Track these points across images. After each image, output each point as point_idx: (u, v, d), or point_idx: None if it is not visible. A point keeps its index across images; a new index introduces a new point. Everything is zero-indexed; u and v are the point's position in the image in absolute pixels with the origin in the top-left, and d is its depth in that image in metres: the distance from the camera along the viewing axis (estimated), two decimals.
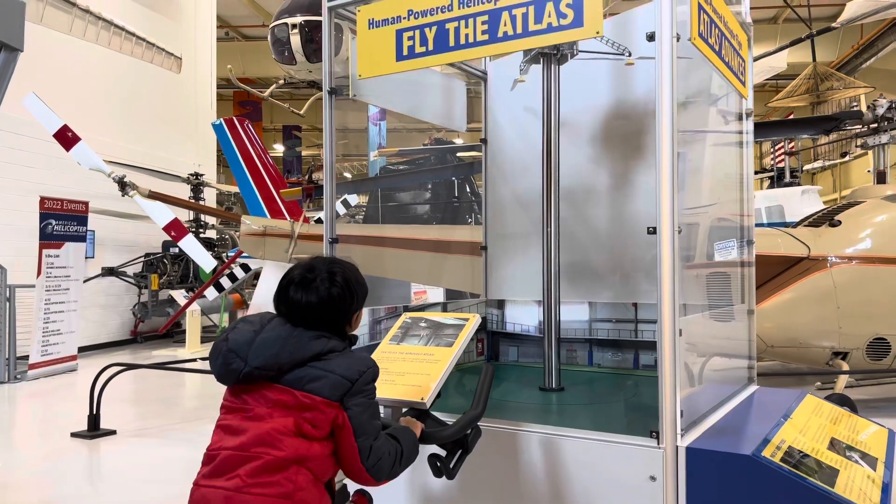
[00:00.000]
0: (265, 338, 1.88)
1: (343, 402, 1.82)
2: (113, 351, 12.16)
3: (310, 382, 1.82)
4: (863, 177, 19.84)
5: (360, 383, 1.85)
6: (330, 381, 1.82)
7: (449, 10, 2.61)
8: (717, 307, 3.14)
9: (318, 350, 1.87)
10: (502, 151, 4.07)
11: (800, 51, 13.91)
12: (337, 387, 1.82)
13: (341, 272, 2.00)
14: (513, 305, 3.94)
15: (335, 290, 1.96)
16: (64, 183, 10.76)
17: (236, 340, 1.89)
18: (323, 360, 1.86)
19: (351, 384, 1.83)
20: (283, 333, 1.89)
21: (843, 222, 6.63)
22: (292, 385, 1.83)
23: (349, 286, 1.99)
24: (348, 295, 1.98)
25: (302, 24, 10.24)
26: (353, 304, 2.01)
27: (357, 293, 2.02)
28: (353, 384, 1.83)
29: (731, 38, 2.92)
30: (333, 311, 1.96)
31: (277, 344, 1.86)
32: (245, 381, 1.88)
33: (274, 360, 1.84)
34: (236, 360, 1.86)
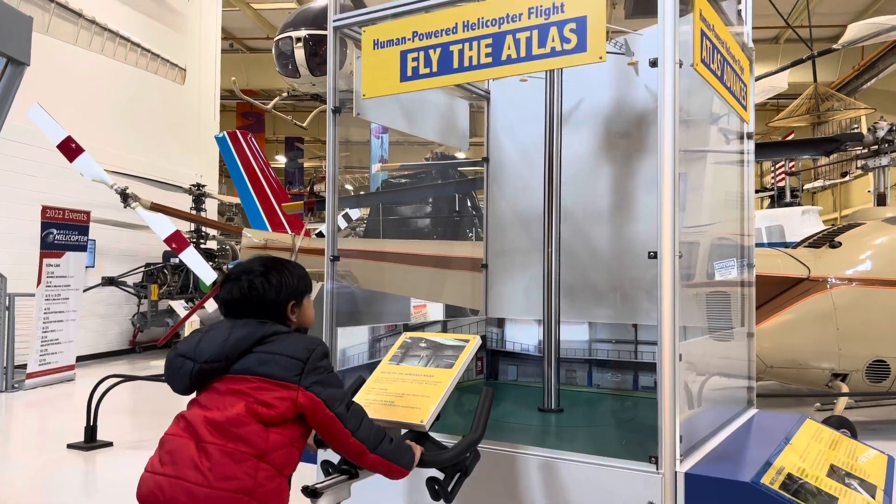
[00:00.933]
0: (210, 335, 1.95)
1: (300, 382, 1.85)
2: (111, 361, 12.14)
3: (260, 366, 1.86)
4: (863, 196, 19.88)
5: (312, 361, 1.88)
6: (279, 363, 1.86)
7: (453, 32, 2.63)
8: (717, 330, 3.14)
9: (261, 333, 1.92)
10: (504, 170, 4.09)
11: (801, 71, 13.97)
12: (288, 368, 1.86)
13: (262, 266, 2.06)
14: (512, 324, 3.94)
15: (257, 283, 2.00)
16: (66, 192, 10.79)
17: (183, 346, 1.97)
18: (268, 343, 1.91)
19: (303, 363, 1.87)
20: (226, 325, 1.97)
21: (844, 244, 6.64)
22: (243, 372, 1.88)
23: (268, 278, 2.02)
24: (269, 286, 2.01)
25: (306, 38, 10.30)
26: (279, 293, 2.02)
27: (284, 284, 2.04)
28: (304, 363, 1.87)
29: (732, 63, 2.94)
30: (260, 304, 2.01)
31: (222, 335, 1.92)
32: (198, 381, 1.92)
33: (220, 351, 1.89)
34: (185, 363, 1.92)
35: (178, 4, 15.04)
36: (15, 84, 3.11)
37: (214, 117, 16.66)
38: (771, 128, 18.96)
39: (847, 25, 10.48)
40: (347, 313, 3.12)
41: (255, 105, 13.90)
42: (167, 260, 13.00)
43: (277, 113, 14.18)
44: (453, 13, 2.64)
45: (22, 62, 3.05)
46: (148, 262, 13.21)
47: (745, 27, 3.44)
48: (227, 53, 19.58)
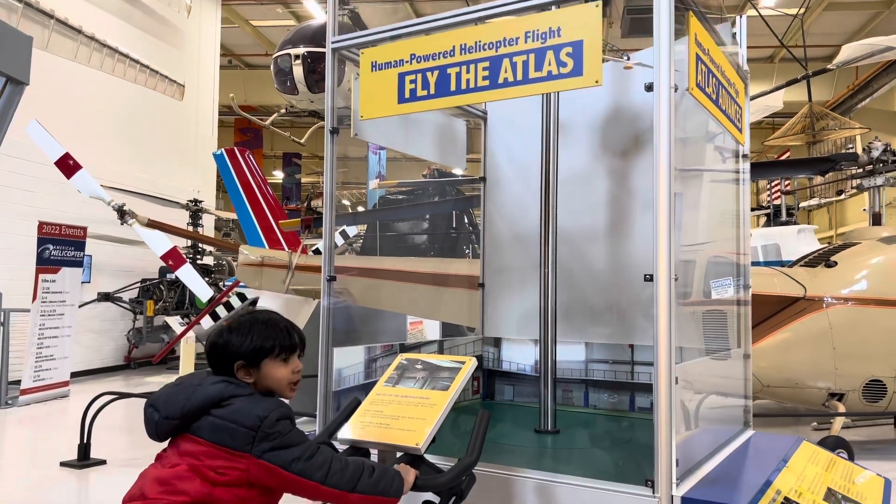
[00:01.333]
0: (179, 389, 1.93)
1: (252, 451, 1.81)
2: (106, 377, 12.08)
3: (212, 432, 1.84)
4: (858, 215, 19.96)
5: (265, 428, 1.83)
6: (230, 431, 1.82)
7: (451, 55, 2.65)
8: (713, 350, 3.14)
9: (215, 395, 1.88)
10: (501, 189, 4.10)
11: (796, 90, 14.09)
12: (238, 436, 1.82)
13: (233, 322, 2.03)
14: (509, 344, 3.94)
15: (214, 340, 2.01)
16: (63, 207, 10.79)
17: (158, 395, 1.95)
18: (224, 407, 1.86)
19: (254, 432, 1.82)
20: (195, 381, 1.94)
21: (840, 263, 6.66)
22: (199, 433, 1.86)
23: (223, 335, 1.99)
24: (219, 344, 1.99)
25: (305, 55, 10.36)
26: (225, 352, 1.98)
27: (231, 343, 1.98)
28: (255, 432, 1.82)
29: (728, 86, 2.97)
30: (215, 356, 2.00)
31: (186, 392, 1.89)
32: (162, 433, 1.91)
33: (179, 410, 1.87)
34: (153, 413, 1.91)
35: (178, 21, 15.13)
36: (14, 103, 3.12)
37: (212, 133, 16.70)
38: (766, 146, 19.08)
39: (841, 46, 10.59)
40: (344, 332, 3.11)
41: (252, 121, 13.94)
42: (163, 276, 12.98)
43: (275, 129, 14.22)
44: (451, 36, 2.67)
45: (21, 81, 3.06)
46: (144, 278, 13.18)
47: (739, 49, 3.47)
48: (225, 69, 19.67)
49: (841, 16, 18.21)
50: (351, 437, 2.20)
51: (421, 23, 2.80)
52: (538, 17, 2.51)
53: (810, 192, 17.63)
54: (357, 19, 11.78)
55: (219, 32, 17.24)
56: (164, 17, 14.72)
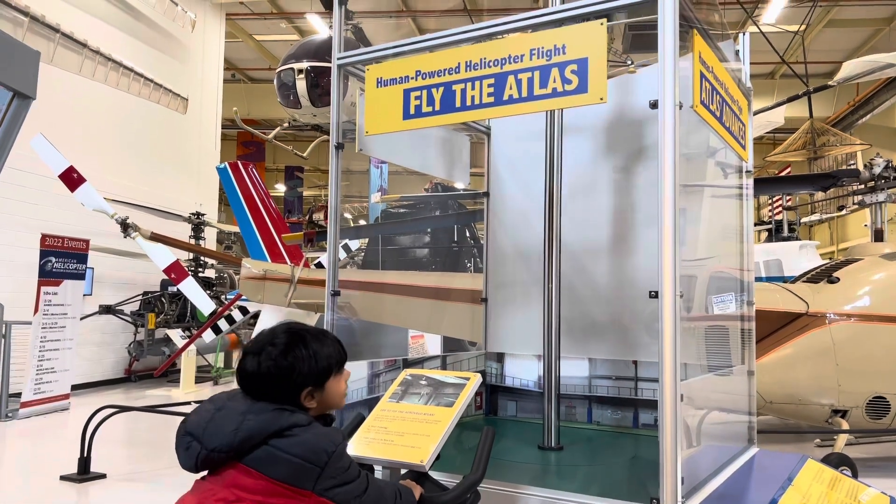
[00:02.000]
0: (222, 415, 1.75)
1: (314, 488, 1.69)
2: (106, 390, 12.04)
3: (270, 465, 1.69)
4: (860, 230, 19.96)
5: (331, 465, 1.71)
6: (295, 467, 1.68)
7: (456, 72, 2.67)
8: (717, 367, 3.13)
9: (279, 426, 1.72)
10: (504, 205, 4.11)
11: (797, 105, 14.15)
12: (303, 474, 1.69)
13: (284, 341, 1.85)
14: (512, 359, 3.93)
15: (284, 363, 1.82)
16: (66, 220, 10.81)
17: (193, 422, 1.77)
18: (285, 437, 1.71)
19: (320, 469, 1.70)
20: (240, 408, 1.76)
21: (842, 279, 6.65)
22: (256, 466, 1.70)
23: (286, 357, 1.82)
24: (282, 369, 1.81)
25: (308, 70, 10.42)
26: (290, 378, 1.82)
27: (297, 368, 1.83)
28: (322, 469, 1.70)
29: (731, 104, 2.98)
30: (279, 386, 1.81)
31: (233, 422, 1.72)
32: (206, 465, 1.75)
33: (229, 441, 1.70)
34: (193, 444, 1.74)
35: (182, 35, 15.23)
36: (21, 117, 3.14)
37: (215, 146, 16.76)
38: (768, 162, 19.12)
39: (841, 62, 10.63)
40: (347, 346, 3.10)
41: (255, 135, 13.99)
42: (165, 288, 12.98)
43: (278, 143, 14.26)
44: (456, 53, 2.69)
45: (28, 96, 3.08)
46: (146, 291, 13.18)
47: (743, 67, 3.49)
48: (228, 83, 19.77)
49: (842, 33, 18.31)
50: (355, 454, 2.19)
51: (426, 39, 2.82)
52: (543, 35, 2.53)
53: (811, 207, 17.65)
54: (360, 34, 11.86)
55: (222, 47, 17.35)
56: (169, 32, 14.81)
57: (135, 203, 11.90)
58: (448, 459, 2.25)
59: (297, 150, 14.78)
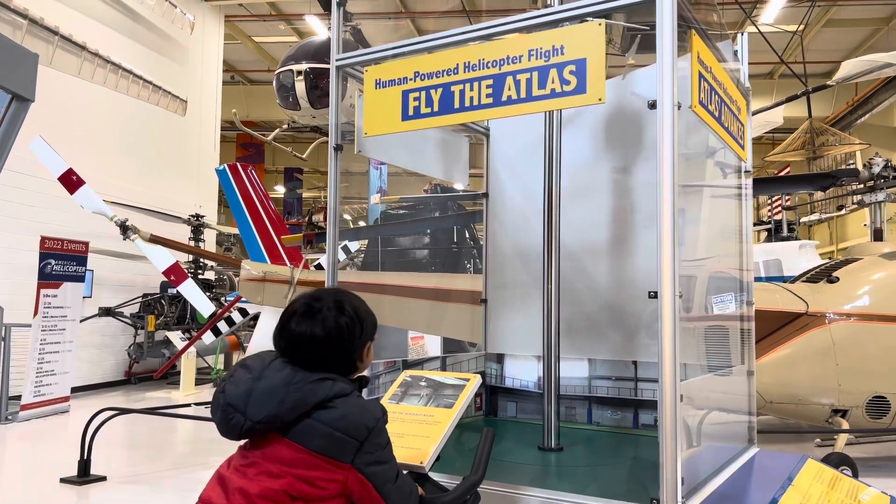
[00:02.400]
0: (264, 387, 1.74)
1: (354, 462, 1.71)
2: (106, 392, 12.04)
3: (316, 439, 1.70)
4: (859, 229, 19.97)
5: (371, 441, 1.73)
6: (337, 440, 1.69)
7: (454, 73, 2.67)
8: (717, 367, 3.13)
9: (322, 396, 1.72)
10: (504, 205, 4.11)
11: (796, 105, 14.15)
12: (344, 447, 1.70)
13: (349, 301, 1.89)
14: (512, 360, 3.93)
15: (343, 320, 1.82)
16: (65, 222, 10.80)
17: (233, 393, 1.76)
18: (328, 409, 1.71)
19: (360, 443, 1.71)
20: (282, 379, 1.75)
21: (842, 279, 6.65)
22: (297, 439, 1.71)
23: (358, 315, 1.86)
24: (358, 325, 1.85)
25: (307, 71, 10.41)
26: (362, 334, 1.88)
27: (366, 322, 1.90)
28: (362, 443, 1.71)
29: (730, 104, 2.98)
30: (342, 345, 1.82)
31: (277, 394, 1.72)
32: (251, 435, 1.76)
33: (275, 413, 1.71)
34: (236, 416, 1.73)
35: (181, 37, 15.23)
36: (19, 120, 3.14)
37: (214, 148, 16.76)
38: (767, 161, 19.13)
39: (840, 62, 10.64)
40: None
41: (254, 136, 14.00)
42: (164, 290, 12.97)
43: (277, 144, 14.27)
44: (454, 54, 2.69)
45: (27, 98, 3.08)
46: (145, 293, 13.18)
47: (741, 67, 3.50)
48: (227, 85, 19.78)
49: (840, 32, 18.32)
50: None
51: (424, 41, 2.82)
52: (541, 36, 2.53)
53: (811, 207, 17.66)
54: (359, 36, 11.86)
55: (221, 49, 17.36)
56: (168, 34, 14.82)
57: (134, 205, 11.90)
58: (448, 460, 2.25)
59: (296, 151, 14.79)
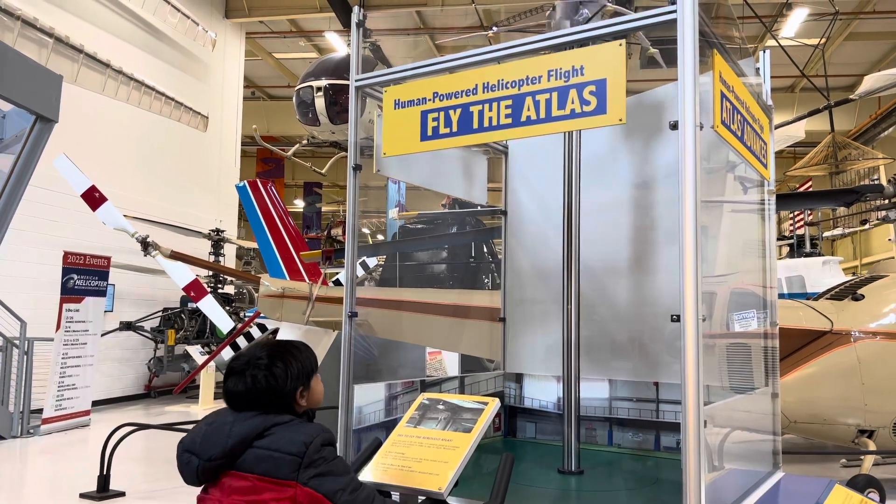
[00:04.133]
0: (213, 429, 1.94)
1: (298, 478, 1.83)
2: (126, 405, 12.12)
3: (257, 464, 1.87)
4: (883, 244, 19.67)
5: (310, 454, 1.85)
6: (276, 460, 1.85)
7: (473, 93, 2.66)
8: (740, 389, 3.07)
9: (261, 427, 1.90)
10: (522, 223, 4.09)
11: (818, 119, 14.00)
12: (284, 464, 1.84)
13: (267, 357, 2.03)
14: (531, 380, 3.89)
15: (260, 378, 1.98)
16: (87, 237, 10.93)
17: (190, 440, 1.97)
18: (266, 437, 1.89)
19: (299, 459, 1.84)
20: (229, 419, 1.96)
21: (867, 296, 6.53)
22: (245, 468, 1.88)
23: (272, 370, 2.00)
24: (284, 378, 2.00)
25: (326, 88, 10.47)
26: (290, 383, 2.02)
27: (289, 374, 2.02)
28: (301, 457, 1.84)
29: (752, 123, 2.95)
30: (271, 397, 1.99)
31: (224, 431, 1.92)
32: (206, 476, 1.93)
33: (222, 449, 1.89)
34: (192, 458, 1.93)
35: (203, 54, 15.43)
36: (43, 140, 3.17)
37: (235, 163, 16.92)
38: (788, 176, 18.92)
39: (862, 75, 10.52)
40: (364, 366, 3.09)
41: (274, 152, 14.10)
42: (185, 305, 13.06)
43: (296, 160, 14.35)
44: (474, 75, 2.68)
45: (50, 119, 3.12)
46: (166, 307, 13.28)
47: (764, 85, 3.46)
48: (248, 101, 20.00)
49: (862, 46, 18.13)
50: (373, 480, 2.17)
51: (443, 61, 2.81)
52: (561, 56, 2.51)
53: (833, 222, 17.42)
54: (378, 52, 11.93)
55: (242, 65, 17.56)
56: (190, 51, 15.02)
57: (155, 220, 12.01)
58: (465, 483, 2.22)
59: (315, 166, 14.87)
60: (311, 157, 21.36)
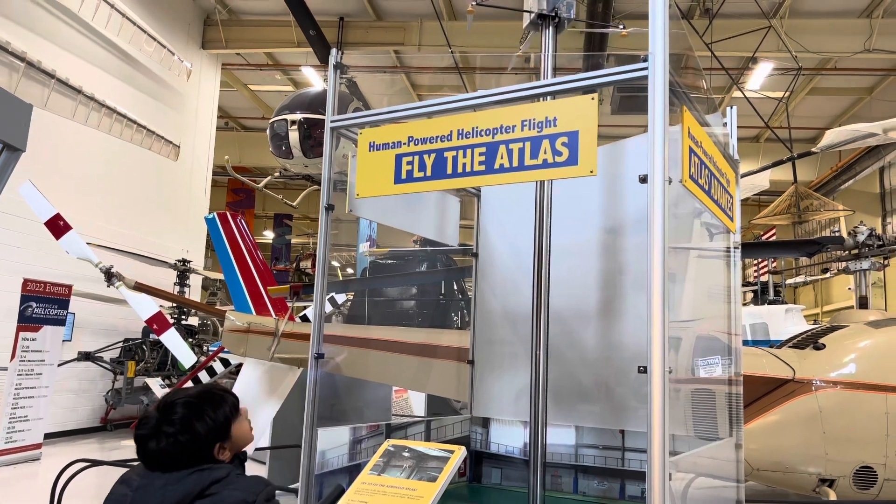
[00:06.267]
0: (142, 494, 1.83)
1: None
2: (80, 439, 11.74)
3: None
4: (844, 293, 20.10)
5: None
6: None
7: (448, 139, 2.69)
8: (706, 438, 3.09)
9: (199, 488, 1.81)
10: (493, 266, 4.10)
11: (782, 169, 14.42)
12: None
13: (178, 414, 1.94)
14: (498, 425, 3.86)
15: (178, 440, 1.90)
16: (49, 264, 10.68)
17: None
18: (207, 497, 1.80)
19: None
20: (158, 482, 1.84)
21: (828, 346, 6.64)
22: None
23: (186, 428, 1.92)
24: (190, 438, 1.92)
25: (301, 121, 10.49)
26: (207, 437, 1.94)
27: (199, 432, 1.94)
28: None
29: (719, 177, 3.01)
30: (189, 451, 1.91)
31: (156, 496, 1.81)
32: None
33: None
34: None
35: (177, 83, 15.39)
36: (9, 169, 3.12)
37: (205, 193, 16.78)
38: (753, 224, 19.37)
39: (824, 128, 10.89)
40: (328, 406, 3.04)
41: (246, 183, 14.04)
42: (147, 336, 12.79)
43: (267, 191, 14.31)
44: (449, 121, 2.71)
45: (18, 148, 3.07)
46: (127, 338, 12.98)
47: (731, 139, 3.55)
48: (221, 131, 19.93)
49: (824, 100, 18.79)
50: None
51: (419, 106, 2.85)
52: (535, 107, 2.56)
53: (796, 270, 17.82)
54: (354, 88, 12.02)
55: (217, 95, 17.54)
56: (164, 80, 14.98)
57: (121, 248, 11.82)
58: None
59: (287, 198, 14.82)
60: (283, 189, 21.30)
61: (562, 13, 3.34)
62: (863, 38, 14.43)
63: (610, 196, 3.70)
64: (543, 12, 3.33)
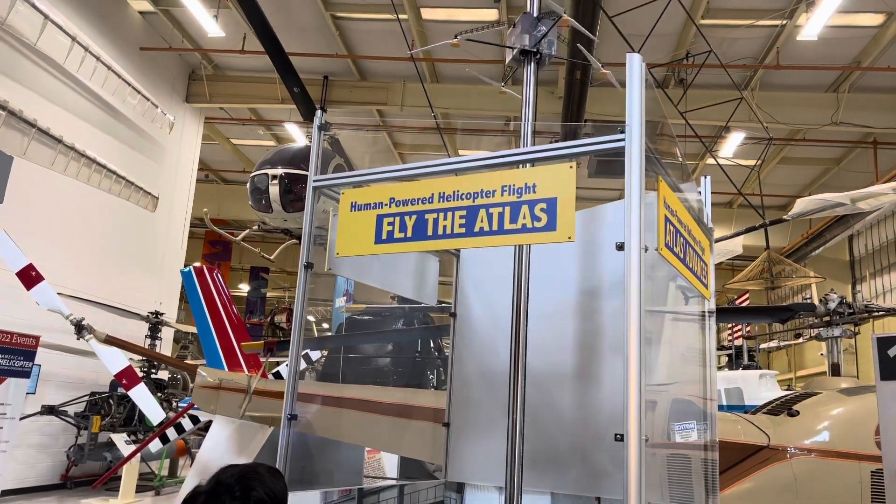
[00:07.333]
0: None
1: None
2: (38, 497, 11.28)
3: None
4: (816, 358, 20.28)
5: None
6: None
7: (429, 201, 2.72)
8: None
9: None
10: (471, 328, 4.09)
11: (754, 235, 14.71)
12: None
13: (240, 490, 1.84)
14: (473, 490, 3.79)
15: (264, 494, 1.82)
16: (14, 313, 10.42)
17: None
18: None
19: None
20: None
21: (802, 413, 6.67)
22: None
23: (263, 487, 1.85)
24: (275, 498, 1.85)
25: (282, 176, 10.55)
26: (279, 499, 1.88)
27: (280, 487, 1.90)
28: None
29: (694, 245, 3.07)
30: None
31: None
32: None
33: None
34: None
35: (159, 135, 15.45)
36: None
37: (182, 245, 16.66)
38: (727, 288, 19.63)
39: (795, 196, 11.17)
40: (299, 468, 2.97)
41: (223, 235, 13.99)
42: (114, 389, 12.46)
43: (245, 244, 14.25)
44: (430, 184, 2.75)
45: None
46: (93, 391, 12.63)
47: (705, 208, 3.63)
48: (201, 183, 19.94)
49: (794, 169, 19.35)
50: None
51: (401, 169, 2.89)
52: (515, 173, 2.61)
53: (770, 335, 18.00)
54: (336, 145, 12.16)
55: (199, 148, 17.60)
56: (146, 132, 15.03)
57: (93, 300, 11.62)
58: None
59: (264, 251, 14.74)
60: (261, 242, 21.19)
61: (543, 49, 3.46)
62: (830, 111, 14.99)
63: (587, 260, 3.74)
64: (526, 48, 3.44)
